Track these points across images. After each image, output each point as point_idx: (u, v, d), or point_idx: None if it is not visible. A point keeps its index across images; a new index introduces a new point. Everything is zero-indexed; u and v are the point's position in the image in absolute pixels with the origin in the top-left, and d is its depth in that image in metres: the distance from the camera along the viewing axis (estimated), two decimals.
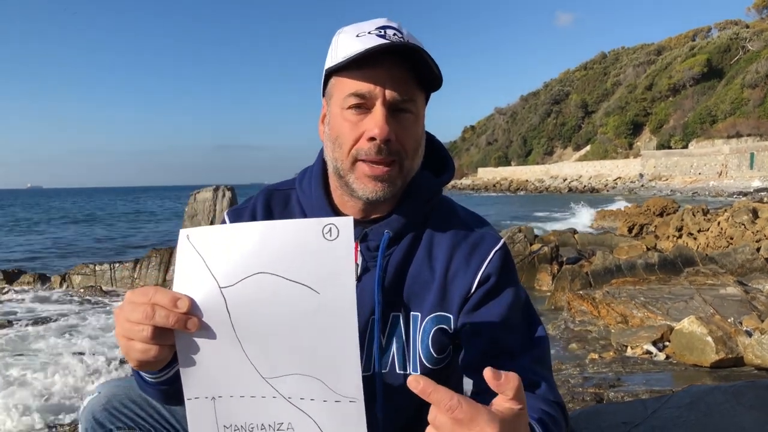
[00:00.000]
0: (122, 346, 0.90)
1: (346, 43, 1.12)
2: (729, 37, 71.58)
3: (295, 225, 0.88)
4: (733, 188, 40.12)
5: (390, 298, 1.17)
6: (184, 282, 0.87)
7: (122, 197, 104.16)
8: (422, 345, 1.17)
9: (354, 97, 1.10)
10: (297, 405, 0.87)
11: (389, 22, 1.14)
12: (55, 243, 21.47)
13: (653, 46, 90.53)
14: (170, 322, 0.85)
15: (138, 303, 0.87)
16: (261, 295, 0.86)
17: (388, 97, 1.09)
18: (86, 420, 1.24)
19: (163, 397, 1.06)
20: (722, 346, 4.23)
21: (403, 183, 1.17)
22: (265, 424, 0.89)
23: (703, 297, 5.51)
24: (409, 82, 1.11)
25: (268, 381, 0.87)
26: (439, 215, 1.24)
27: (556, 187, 61.22)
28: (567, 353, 5.16)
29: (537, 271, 8.37)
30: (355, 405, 0.85)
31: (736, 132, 55.78)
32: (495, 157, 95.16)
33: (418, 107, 1.14)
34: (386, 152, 1.10)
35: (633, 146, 72.59)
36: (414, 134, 1.14)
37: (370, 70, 1.09)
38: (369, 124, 1.10)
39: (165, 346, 0.88)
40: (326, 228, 0.85)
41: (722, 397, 2.28)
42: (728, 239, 9.24)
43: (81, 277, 10.16)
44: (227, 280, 0.86)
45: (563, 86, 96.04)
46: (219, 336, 0.87)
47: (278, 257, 0.86)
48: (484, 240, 1.21)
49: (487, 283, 1.17)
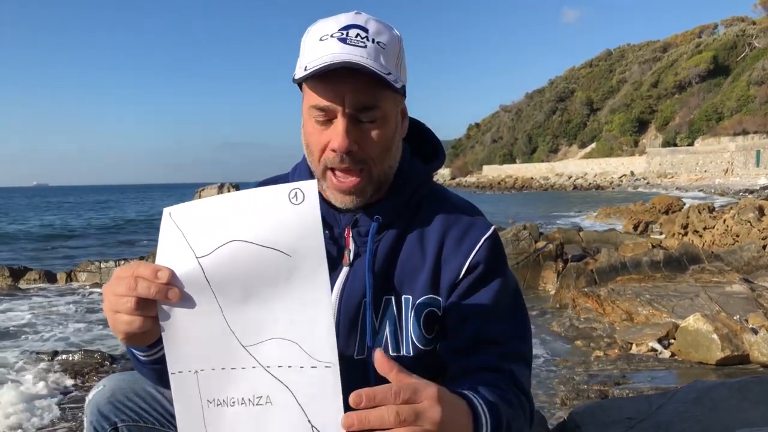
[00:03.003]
0: (109, 319, 0.94)
1: (309, 49, 1.11)
2: (735, 34, 71.13)
3: (262, 192, 0.90)
4: (739, 186, 39.91)
5: (381, 281, 1.18)
6: (164, 255, 0.92)
7: (129, 195, 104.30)
8: (414, 327, 1.18)
9: (316, 110, 1.11)
10: (275, 374, 0.89)
11: (356, 18, 1.12)
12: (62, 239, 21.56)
13: (659, 43, 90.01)
14: (152, 293, 0.88)
15: (123, 277, 0.91)
16: (235, 262, 0.89)
17: (348, 109, 1.09)
18: (91, 413, 1.25)
19: (157, 376, 1.08)
20: (728, 344, 4.22)
21: (377, 187, 1.17)
22: (245, 398, 0.91)
23: (709, 294, 5.49)
24: (370, 89, 1.09)
25: (247, 349, 0.90)
26: (430, 201, 1.24)
27: (561, 185, 61.07)
28: (572, 351, 5.16)
29: (542, 269, 8.34)
30: (330, 370, 0.87)
31: (742, 129, 55.45)
32: (500, 154, 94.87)
33: (384, 110, 1.13)
34: (350, 162, 1.11)
35: (638, 144, 72.27)
36: (379, 140, 1.13)
37: (329, 84, 1.08)
38: (331, 136, 1.11)
39: (148, 318, 0.91)
40: (292, 193, 0.88)
41: (728, 392, 2.27)
42: (734, 237, 9.20)
43: (86, 275, 10.21)
44: (203, 249, 0.90)
45: (568, 84, 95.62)
46: (199, 305, 0.90)
47: (249, 224, 0.89)
48: (475, 226, 1.21)
49: (475, 270, 1.17)
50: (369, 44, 1.09)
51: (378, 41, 1.11)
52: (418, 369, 1.17)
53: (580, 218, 21.35)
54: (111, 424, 1.24)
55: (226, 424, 0.92)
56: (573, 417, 2.35)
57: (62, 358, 4.97)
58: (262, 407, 0.90)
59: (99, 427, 1.24)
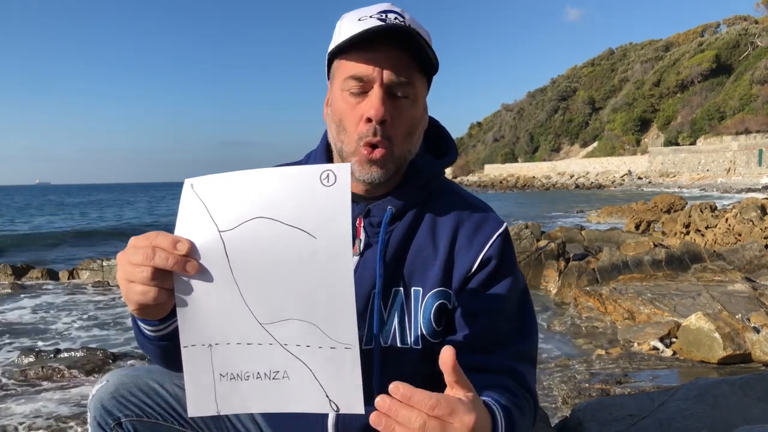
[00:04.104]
0: (123, 289, 0.91)
1: (347, 27, 1.14)
2: (738, 32, 71.01)
3: (293, 171, 0.88)
4: (741, 185, 39.86)
5: (391, 272, 1.19)
6: (185, 226, 0.89)
7: (132, 194, 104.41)
8: (424, 319, 1.18)
9: (353, 80, 1.12)
10: (292, 352, 0.88)
11: (392, 6, 1.16)
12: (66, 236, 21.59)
13: (661, 42, 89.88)
14: (169, 264, 0.86)
15: (139, 246, 0.88)
16: (259, 239, 0.87)
17: (386, 80, 1.11)
18: (94, 408, 1.25)
19: (163, 355, 1.07)
20: (729, 343, 4.22)
21: (397, 166, 1.18)
22: (261, 372, 0.89)
23: (711, 293, 5.48)
24: (408, 65, 1.13)
25: (264, 327, 0.88)
26: (441, 195, 1.26)
27: (563, 184, 60.99)
28: (573, 349, 5.15)
29: (544, 268, 8.32)
30: (350, 351, 0.86)
31: (744, 128, 55.35)
32: (501, 153, 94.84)
33: (416, 91, 1.16)
34: (381, 133, 1.12)
35: (640, 143, 72.21)
36: (409, 118, 1.16)
37: (369, 53, 1.11)
38: (366, 106, 1.12)
39: (163, 289, 0.89)
40: (324, 174, 0.86)
41: (729, 389, 2.27)
42: (736, 236, 9.18)
43: (89, 273, 10.22)
44: (226, 224, 0.88)
45: (570, 82, 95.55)
46: (217, 280, 0.88)
47: (277, 202, 0.87)
48: (488, 221, 1.23)
49: (487, 266, 1.18)
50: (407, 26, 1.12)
51: (414, 28, 1.13)
52: (424, 361, 1.18)
53: (582, 217, 21.34)
54: (115, 420, 1.24)
55: (238, 397, 0.90)
56: (575, 414, 2.35)
57: (64, 355, 4.97)
58: (278, 381, 0.89)
59: (103, 423, 1.24)
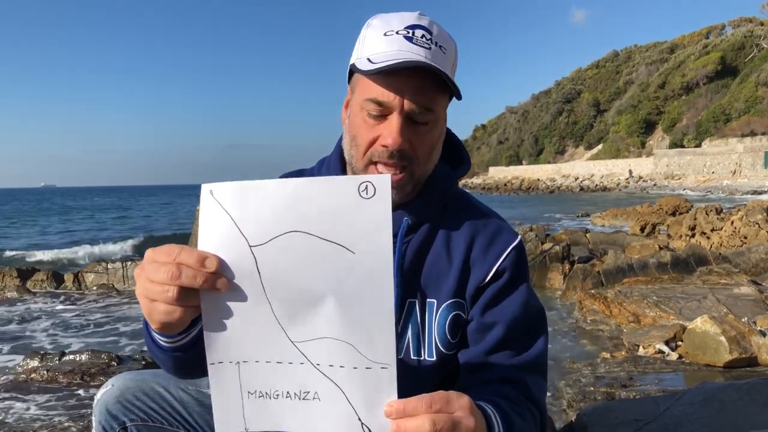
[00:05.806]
0: (144, 307, 0.86)
1: (372, 42, 1.11)
2: (743, 34, 70.88)
3: (329, 182, 0.83)
4: (747, 187, 39.71)
5: (407, 284, 1.18)
6: (209, 240, 0.83)
7: (143, 197, 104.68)
8: (438, 331, 1.17)
9: (372, 103, 1.10)
10: (325, 372, 0.83)
11: (420, 19, 1.12)
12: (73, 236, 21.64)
13: (666, 44, 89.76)
14: (198, 283, 0.80)
15: (162, 262, 0.82)
16: (293, 254, 0.82)
17: (407, 108, 1.09)
18: (100, 412, 1.26)
19: (176, 364, 1.04)
20: (736, 346, 4.19)
21: (415, 187, 1.17)
22: (291, 392, 0.85)
23: (717, 296, 5.45)
24: (430, 91, 1.10)
25: (296, 345, 0.84)
26: (456, 206, 1.25)
27: (568, 186, 60.87)
28: (578, 352, 5.13)
29: (548, 270, 8.31)
30: (387, 371, 0.82)
31: (750, 131, 55.16)
32: (506, 156, 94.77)
33: (437, 114, 1.14)
34: (398, 157, 1.11)
35: (645, 145, 72.06)
36: (428, 141, 1.14)
37: (393, 80, 1.08)
38: (384, 131, 1.10)
39: (189, 307, 0.83)
40: (362, 186, 0.81)
41: (736, 394, 2.26)
42: (742, 238, 9.15)
43: (94, 276, 10.24)
44: (258, 238, 0.82)
45: (575, 85, 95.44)
46: (248, 297, 0.83)
47: (312, 215, 0.81)
48: (503, 233, 1.22)
49: (501, 278, 1.18)
50: (433, 47, 1.10)
51: (441, 45, 1.11)
52: (440, 373, 1.18)
53: (586, 220, 21.28)
54: (120, 424, 1.24)
55: (268, 416, 0.87)
56: (580, 418, 2.34)
57: (69, 358, 4.98)
58: (309, 402, 0.85)
59: (108, 427, 1.24)
